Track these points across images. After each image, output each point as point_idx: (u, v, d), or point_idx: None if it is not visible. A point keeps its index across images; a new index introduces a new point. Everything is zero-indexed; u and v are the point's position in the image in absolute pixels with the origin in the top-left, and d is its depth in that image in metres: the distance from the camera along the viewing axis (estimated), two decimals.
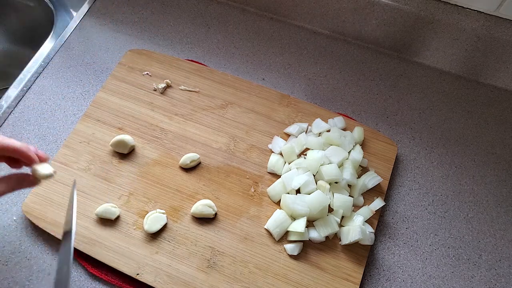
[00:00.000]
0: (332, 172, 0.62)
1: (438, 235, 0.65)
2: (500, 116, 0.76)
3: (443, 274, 0.62)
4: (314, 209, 0.60)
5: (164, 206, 0.63)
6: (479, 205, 0.68)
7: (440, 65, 0.80)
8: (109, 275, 0.59)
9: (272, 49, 0.81)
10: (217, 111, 0.71)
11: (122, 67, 0.75)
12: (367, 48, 0.82)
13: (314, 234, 0.61)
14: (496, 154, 0.72)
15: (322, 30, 0.84)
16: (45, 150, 0.68)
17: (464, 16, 0.72)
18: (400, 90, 0.78)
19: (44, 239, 0.61)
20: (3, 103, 0.72)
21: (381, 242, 0.64)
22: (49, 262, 0.60)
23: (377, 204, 0.63)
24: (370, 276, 0.62)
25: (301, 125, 0.70)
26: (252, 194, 0.65)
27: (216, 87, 0.73)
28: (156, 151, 0.67)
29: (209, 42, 0.81)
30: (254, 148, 0.68)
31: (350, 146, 0.66)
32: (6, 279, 0.58)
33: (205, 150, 0.68)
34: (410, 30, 0.77)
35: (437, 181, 0.70)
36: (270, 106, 0.72)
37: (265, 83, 0.78)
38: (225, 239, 0.61)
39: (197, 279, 0.58)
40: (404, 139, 0.73)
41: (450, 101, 0.77)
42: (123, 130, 0.69)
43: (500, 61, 0.75)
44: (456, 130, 0.74)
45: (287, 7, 0.83)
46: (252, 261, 0.60)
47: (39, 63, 0.77)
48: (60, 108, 0.73)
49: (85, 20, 0.83)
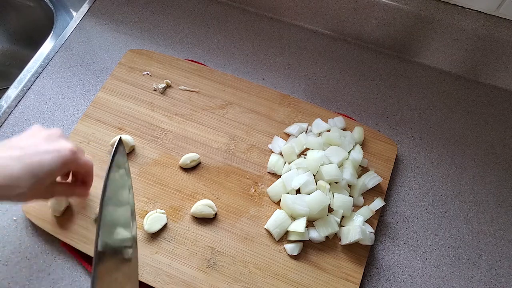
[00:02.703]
0: (332, 172, 0.62)
1: (438, 235, 0.65)
2: (500, 116, 0.76)
3: (443, 274, 0.62)
4: (314, 209, 0.60)
5: (164, 206, 0.63)
6: (479, 205, 0.68)
7: (440, 65, 0.80)
8: None
9: (272, 49, 0.81)
10: (217, 111, 0.71)
11: (122, 67, 0.75)
12: (367, 48, 0.82)
13: (314, 234, 0.61)
14: (496, 154, 0.72)
15: (322, 30, 0.84)
16: None
17: (464, 16, 0.72)
18: (400, 90, 0.78)
19: (44, 239, 0.61)
20: (3, 103, 0.72)
21: (381, 242, 0.64)
22: (49, 262, 0.60)
23: (377, 204, 0.63)
24: (370, 276, 0.62)
25: (301, 125, 0.70)
26: (252, 194, 0.65)
27: (216, 87, 0.73)
28: (156, 151, 0.67)
29: (209, 42, 0.81)
30: (254, 148, 0.68)
31: (350, 146, 0.66)
32: (6, 279, 0.58)
33: (205, 150, 0.68)
34: (410, 30, 0.77)
35: (437, 181, 0.70)
36: (270, 106, 0.72)
37: (265, 83, 0.78)
38: (225, 239, 0.61)
39: (197, 279, 0.58)
40: (404, 139, 0.73)
41: (450, 101, 0.77)
42: (123, 130, 0.69)
43: (500, 61, 0.75)
44: (456, 130, 0.75)
45: (287, 7, 0.83)
46: (252, 261, 0.60)
47: (39, 63, 0.77)
48: (60, 108, 0.73)
49: (85, 20, 0.83)
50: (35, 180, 0.46)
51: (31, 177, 0.46)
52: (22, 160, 0.46)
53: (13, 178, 0.45)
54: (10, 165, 0.45)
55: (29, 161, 0.46)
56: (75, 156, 0.50)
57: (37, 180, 0.46)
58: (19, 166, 0.45)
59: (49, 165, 0.47)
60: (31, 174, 0.46)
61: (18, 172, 0.45)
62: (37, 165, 0.46)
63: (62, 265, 0.60)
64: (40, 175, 0.47)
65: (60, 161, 0.48)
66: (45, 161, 0.47)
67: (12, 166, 0.45)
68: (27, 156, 0.46)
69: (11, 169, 0.45)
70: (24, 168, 0.46)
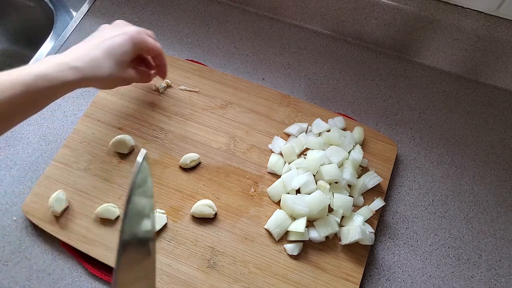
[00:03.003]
0: (332, 172, 0.62)
1: (438, 235, 0.65)
2: (500, 116, 0.76)
3: (443, 274, 0.62)
4: (314, 209, 0.60)
5: (164, 206, 0.63)
6: (479, 205, 0.68)
7: (440, 65, 0.80)
8: (109, 275, 0.59)
9: (272, 49, 0.81)
10: (217, 111, 0.71)
11: None
12: (367, 48, 0.82)
13: (314, 234, 0.61)
14: (496, 154, 0.72)
15: (322, 30, 0.84)
16: (45, 150, 0.69)
17: (464, 16, 0.72)
18: (400, 90, 0.78)
19: (44, 239, 0.61)
20: None
21: (381, 242, 0.64)
22: (49, 262, 0.60)
23: (377, 204, 0.63)
24: (370, 276, 0.62)
25: (301, 125, 0.70)
26: (252, 194, 0.65)
27: (216, 87, 0.73)
28: (156, 151, 0.67)
29: (209, 42, 0.81)
30: (254, 148, 0.68)
31: (350, 146, 0.66)
32: (6, 279, 0.58)
33: (205, 150, 0.68)
34: (410, 30, 0.77)
35: (437, 181, 0.70)
36: (270, 106, 0.72)
37: (265, 83, 0.78)
38: (225, 239, 0.61)
39: (197, 279, 0.58)
40: (404, 139, 0.73)
41: (450, 101, 0.77)
42: (123, 130, 0.69)
43: (500, 61, 0.75)
44: (456, 130, 0.74)
45: (287, 7, 0.83)
46: (252, 261, 0.60)
47: None
48: (60, 108, 0.73)
49: (85, 20, 0.83)
50: (113, 60, 0.55)
51: (109, 58, 0.54)
52: (99, 46, 0.55)
53: (96, 60, 0.53)
54: (92, 50, 0.54)
55: (104, 45, 0.55)
56: (141, 35, 0.58)
57: (115, 60, 0.55)
58: (99, 51, 0.54)
59: (121, 45, 0.56)
60: (109, 54, 0.54)
61: (98, 54, 0.54)
62: (112, 46, 0.55)
63: (62, 265, 0.60)
64: (117, 55, 0.55)
65: (129, 39, 0.56)
66: (116, 42, 0.55)
67: (94, 51, 0.54)
68: (102, 42, 0.55)
69: (93, 53, 0.54)
70: (102, 51, 0.54)
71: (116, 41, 0.55)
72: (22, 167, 0.67)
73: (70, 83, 0.51)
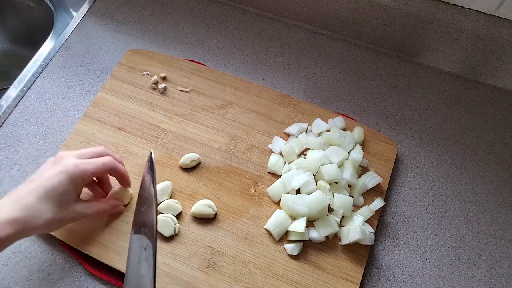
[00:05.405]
0: (332, 172, 0.62)
1: (438, 235, 0.65)
2: (500, 116, 0.76)
3: (443, 274, 0.62)
4: (314, 209, 0.60)
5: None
6: (479, 205, 0.68)
7: (440, 65, 0.80)
8: (109, 275, 0.59)
9: (272, 49, 0.81)
10: (217, 111, 0.71)
11: (122, 67, 0.75)
12: (367, 48, 0.82)
13: (314, 234, 0.61)
14: (496, 154, 0.72)
15: (322, 30, 0.84)
16: (45, 150, 0.69)
17: (464, 16, 0.72)
18: (400, 90, 0.78)
19: (44, 239, 0.61)
20: (3, 103, 0.72)
21: (381, 242, 0.64)
22: (49, 262, 0.60)
23: (377, 204, 0.63)
24: (370, 276, 0.62)
25: (301, 125, 0.70)
26: (252, 194, 0.65)
27: (216, 87, 0.73)
28: (156, 151, 0.67)
29: (209, 42, 0.81)
30: (254, 148, 0.68)
31: (350, 146, 0.66)
32: (6, 279, 0.58)
33: (205, 150, 0.68)
34: (410, 30, 0.77)
35: (437, 181, 0.70)
36: (270, 106, 0.72)
37: (265, 83, 0.78)
38: (225, 239, 0.61)
39: (197, 279, 0.58)
40: (404, 139, 0.73)
41: (450, 101, 0.77)
42: (123, 130, 0.69)
43: (500, 61, 0.75)
44: (456, 130, 0.74)
45: (287, 7, 0.83)
46: (252, 261, 0.60)
47: (39, 63, 0.77)
48: (60, 108, 0.73)
49: (85, 20, 0.83)
50: (53, 202, 0.50)
51: (47, 202, 0.49)
52: (36, 191, 0.49)
53: (32, 207, 0.48)
54: (28, 196, 0.48)
55: (41, 190, 0.49)
56: (79, 168, 0.52)
57: (54, 203, 0.50)
58: (35, 197, 0.48)
59: (59, 185, 0.50)
60: (47, 198, 0.49)
61: (35, 201, 0.48)
62: (49, 189, 0.49)
63: (62, 265, 0.60)
64: (55, 196, 0.50)
65: (67, 178, 0.51)
66: (55, 182, 0.50)
67: (29, 197, 0.48)
68: (39, 186, 0.49)
69: (29, 200, 0.48)
70: (39, 196, 0.49)
71: (54, 182, 0.50)
72: (22, 167, 0.67)
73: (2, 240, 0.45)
